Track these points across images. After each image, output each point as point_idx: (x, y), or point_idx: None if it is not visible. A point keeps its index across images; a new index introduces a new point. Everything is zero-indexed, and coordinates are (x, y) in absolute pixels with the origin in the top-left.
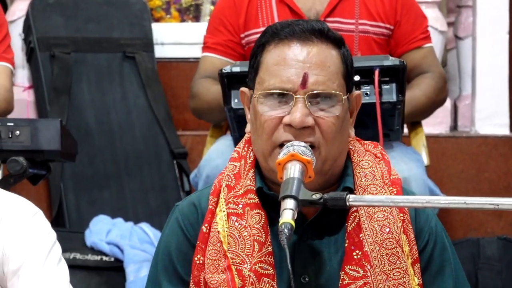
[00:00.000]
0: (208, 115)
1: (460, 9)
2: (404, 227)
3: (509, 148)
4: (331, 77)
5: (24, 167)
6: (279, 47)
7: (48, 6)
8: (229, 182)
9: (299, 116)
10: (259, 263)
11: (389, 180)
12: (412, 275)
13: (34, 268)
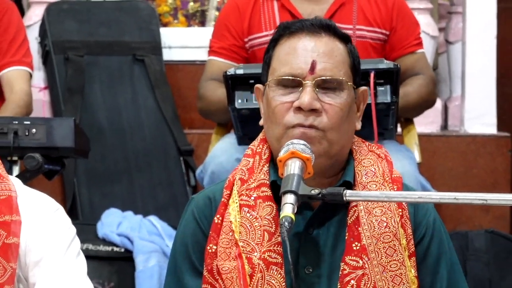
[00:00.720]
0: (214, 115)
1: (451, 15)
2: (402, 222)
3: (496, 147)
4: (337, 65)
5: (40, 163)
6: (290, 39)
7: (63, 12)
8: (242, 176)
9: (308, 99)
10: (268, 252)
11: (390, 178)
12: (409, 266)
13: (54, 260)
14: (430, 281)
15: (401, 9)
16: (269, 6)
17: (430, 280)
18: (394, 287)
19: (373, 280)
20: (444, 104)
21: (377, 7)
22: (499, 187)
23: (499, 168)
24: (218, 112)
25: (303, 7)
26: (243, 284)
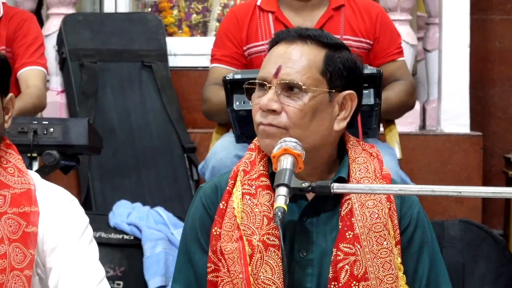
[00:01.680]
0: (217, 116)
1: (428, 26)
2: (390, 214)
3: (470, 145)
4: (302, 70)
5: (57, 159)
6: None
7: (78, 23)
8: (245, 168)
9: (265, 101)
10: (266, 235)
11: (380, 174)
12: (396, 255)
13: (69, 246)
14: (413, 267)
15: (384, 21)
16: (265, 18)
17: (413, 266)
18: (383, 272)
19: (365, 265)
20: (422, 106)
21: (362, 19)
22: (472, 181)
23: (471, 164)
24: (221, 113)
25: (295, 19)
26: (244, 263)
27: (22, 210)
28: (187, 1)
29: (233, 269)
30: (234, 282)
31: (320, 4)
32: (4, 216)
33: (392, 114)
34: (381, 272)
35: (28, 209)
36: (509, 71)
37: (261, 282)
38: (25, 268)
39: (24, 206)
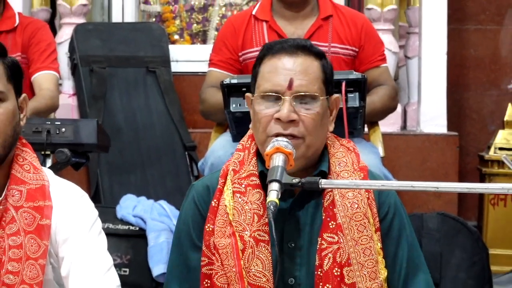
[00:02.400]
0: (213, 115)
1: (409, 35)
2: (369, 203)
3: (447, 144)
4: (312, 81)
5: (68, 157)
6: (272, 59)
7: (88, 31)
8: (235, 167)
9: (285, 112)
10: (257, 231)
11: (357, 167)
12: (376, 241)
13: (79, 237)
14: (394, 251)
15: (368, 30)
16: (259, 26)
17: (393, 250)
18: (364, 258)
19: (347, 252)
20: (403, 108)
21: (348, 28)
22: (449, 177)
23: (448, 161)
24: (217, 113)
25: (287, 28)
26: (236, 257)
27: (37, 204)
28: (188, 12)
29: (227, 263)
30: (227, 275)
31: (310, 14)
32: (20, 209)
33: (376, 117)
34: (362, 258)
35: (42, 203)
36: (482, 77)
37: (252, 275)
38: (39, 257)
39: (39, 201)
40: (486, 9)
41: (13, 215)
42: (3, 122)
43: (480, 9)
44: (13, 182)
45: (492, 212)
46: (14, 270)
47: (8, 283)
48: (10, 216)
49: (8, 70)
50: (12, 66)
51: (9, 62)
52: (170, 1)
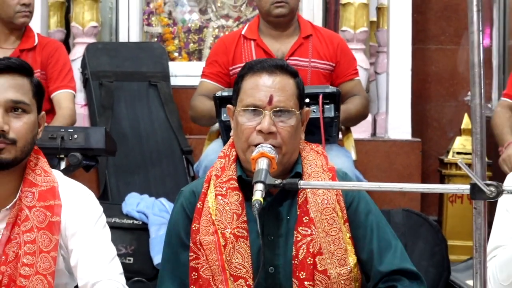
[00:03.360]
0: (200, 120)
1: (378, 53)
2: (337, 199)
3: (411, 148)
4: (288, 97)
5: (80, 160)
6: (254, 77)
7: (98, 50)
8: (217, 173)
9: (266, 125)
10: (237, 228)
11: (326, 168)
12: (344, 231)
13: (86, 231)
14: (362, 232)
15: (343, 48)
16: (248, 44)
17: (362, 232)
18: (334, 247)
19: (319, 243)
20: (373, 118)
21: (326, 46)
22: (413, 178)
23: (412, 164)
24: (203, 119)
25: (273, 46)
26: (219, 252)
27: (48, 203)
28: (186, 33)
29: (211, 258)
30: (212, 268)
31: (292, 34)
32: (33, 209)
33: (351, 122)
34: (332, 247)
35: (52, 202)
36: (442, 90)
37: (233, 267)
38: (51, 250)
39: (49, 200)
40: (445, 31)
41: (27, 214)
42: (26, 130)
43: (440, 31)
44: (27, 185)
45: (450, 208)
46: (29, 263)
47: (24, 274)
48: (24, 215)
49: (34, 88)
50: (37, 85)
51: (35, 81)
52: (170, 23)
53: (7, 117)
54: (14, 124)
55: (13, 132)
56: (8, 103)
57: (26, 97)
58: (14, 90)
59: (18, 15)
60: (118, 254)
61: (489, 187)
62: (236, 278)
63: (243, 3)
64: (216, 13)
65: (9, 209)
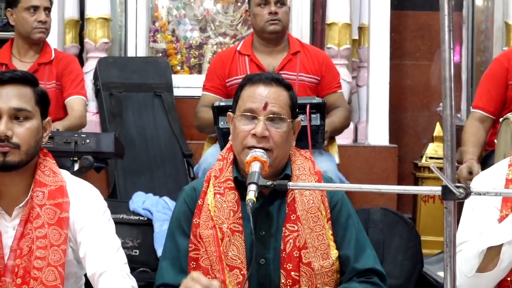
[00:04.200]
0: (205, 129)
1: (360, 68)
2: (322, 199)
3: (388, 154)
4: (281, 106)
5: (91, 162)
6: (252, 87)
7: (109, 64)
8: (216, 174)
9: (260, 129)
10: (233, 224)
11: (313, 171)
12: (327, 229)
13: (92, 225)
14: (343, 233)
15: (328, 64)
16: (242, 59)
17: (343, 233)
18: (318, 242)
19: (304, 238)
20: (355, 126)
21: (312, 62)
22: (390, 180)
23: (390, 167)
24: (208, 127)
25: (265, 60)
26: (217, 245)
27: (57, 201)
28: (187, 49)
29: (210, 249)
30: (210, 259)
31: (282, 50)
32: (44, 207)
33: (336, 133)
34: (316, 242)
35: (61, 200)
36: (417, 101)
37: (230, 258)
38: (61, 244)
39: (58, 198)
40: (420, 48)
41: (38, 211)
42: (28, 135)
43: (415, 49)
44: (37, 185)
45: (423, 207)
46: (41, 256)
47: (37, 266)
48: (36, 212)
49: (37, 96)
50: (41, 94)
51: (39, 90)
52: (173, 40)
53: (11, 124)
54: (17, 130)
55: (16, 137)
56: (11, 110)
57: (28, 105)
58: (17, 99)
59: (35, 31)
60: (125, 247)
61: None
62: (232, 268)
63: (238, 23)
64: (215, 31)
65: (21, 207)
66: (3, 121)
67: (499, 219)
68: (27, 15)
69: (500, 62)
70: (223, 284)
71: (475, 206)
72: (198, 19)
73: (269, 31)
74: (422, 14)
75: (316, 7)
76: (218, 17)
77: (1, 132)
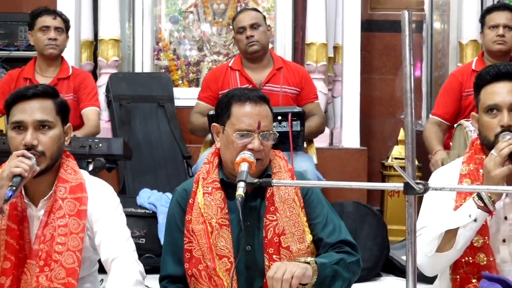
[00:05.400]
0: (196, 132)
1: (335, 82)
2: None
3: (359, 155)
4: (270, 122)
5: (103, 163)
6: (243, 106)
7: (119, 78)
8: (204, 176)
9: (257, 145)
10: (220, 219)
11: (287, 169)
12: (302, 216)
13: (107, 217)
14: (315, 214)
15: (307, 78)
16: (233, 74)
17: (315, 214)
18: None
19: (282, 226)
20: (330, 131)
21: (293, 76)
22: (361, 178)
23: (360, 166)
24: (198, 131)
25: (252, 75)
26: (207, 238)
27: (77, 196)
28: (187, 66)
29: (201, 242)
30: (202, 250)
31: (267, 66)
32: (65, 200)
33: (312, 136)
34: (293, 228)
35: (80, 195)
36: (384, 110)
37: (219, 248)
38: (79, 232)
39: (78, 193)
40: (386, 64)
41: (60, 204)
42: (51, 143)
43: (382, 65)
44: (60, 182)
45: (390, 201)
46: (62, 242)
47: (58, 250)
48: (58, 205)
49: (57, 107)
50: (60, 104)
51: (59, 101)
52: (174, 58)
53: (36, 134)
54: (42, 139)
55: (41, 145)
56: (35, 122)
57: (50, 116)
58: (40, 112)
59: (46, 47)
60: (133, 236)
61: (418, 185)
62: (221, 257)
63: (230, 43)
64: (210, 50)
65: (46, 200)
66: (29, 132)
67: (454, 208)
68: (40, 34)
69: (455, 77)
70: (214, 271)
71: (435, 197)
72: (196, 40)
73: (249, 52)
74: (388, 35)
75: (297, 29)
76: (213, 38)
77: (28, 142)
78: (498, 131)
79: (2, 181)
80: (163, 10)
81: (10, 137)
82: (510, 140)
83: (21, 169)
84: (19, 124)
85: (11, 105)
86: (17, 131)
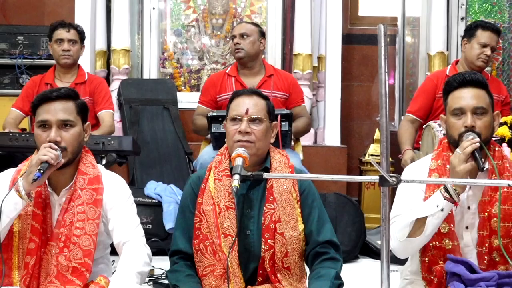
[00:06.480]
0: (199, 132)
1: (319, 88)
2: (293, 185)
3: (340, 152)
4: (259, 111)
5: (115, 158)
6: (238, 98)
7: (129, 84)
8: (216, 165)
9: (243, 127)
10: (227, 202)
11: (288, 165)
12: (296, 207)
13: (120, 206)
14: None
15: (294, 84)
16: (230, 80)
17: (308, 212)
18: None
19: (279, 214)
20: (315, 131)
21: (283, 82)
22: (341, 172)
23: (341, 162)
24: (201, 131)
25: (246, 80)
26: (215, 217)
27: (94, 186)
28: (189, 73)
29: (210, 221)
30: (210, 228)
31: (259, 73)
32: (84, 190)
33: (299, 135)
34: (287, 217)
35: (97, 186)
36: (362, 113)
37: (224, 227)
38: (95, 218)
39: (95, 184)
40: (364, 73)
41: (79, 193)
42: (73, 139)
43: (360, 73)
44: (80, 174)
45: (366, 192)
46: (80, 227)
47: (76, 234)
48: (77, 194)
49: (78, 107)
50: (81, 105)
51: (79, 102)
52: (178, 66)
53: (59, 131)
54: (64, 136)
55: (64, 141)
56: (58, 122)
57: (71, 116)
58: (62, 112)
59: (61, 58)
60: (140, 222)
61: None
62: (226, 235)
63: (227, 53)
64: (209, 60)
65: (67, 189)
66: (53, 130)
67: (424, 199)
68: (56, 46)
69: (431, 80)
70: (219, 247)
71: (407, 189)
72: (197, 51)
73: (235, 57)
74: (365, 47)
75: (286, 42)
76: (212, 49)
77: (52, 139)
78: (462, 131)
79: (31, 168)
80: (168, 25)
81: (36, 134)
82: (473, 139)
83: (48, 157)
84: (44, 123)
85: (37, 106)
86: (43, 129)
